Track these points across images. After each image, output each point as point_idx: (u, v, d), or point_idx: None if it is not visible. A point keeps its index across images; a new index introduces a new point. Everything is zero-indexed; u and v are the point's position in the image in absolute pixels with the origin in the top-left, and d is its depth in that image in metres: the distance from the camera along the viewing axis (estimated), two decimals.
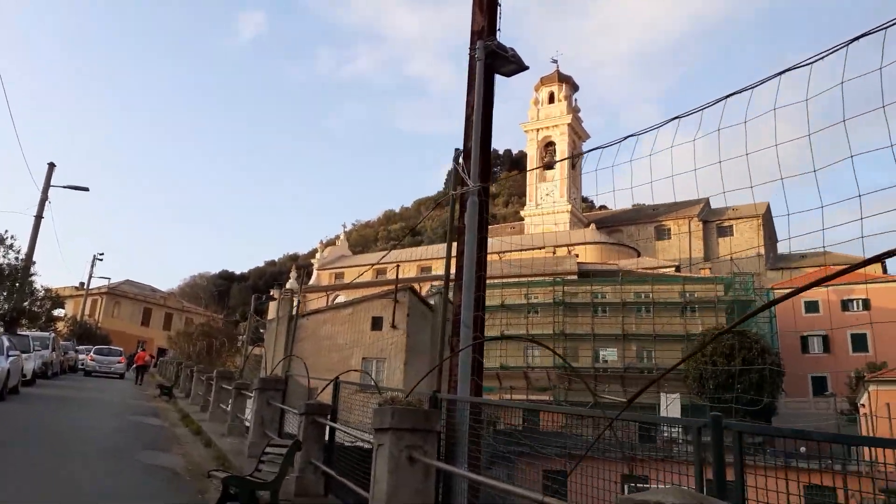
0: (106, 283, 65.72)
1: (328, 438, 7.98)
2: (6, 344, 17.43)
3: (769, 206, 72.33)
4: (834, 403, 38.19)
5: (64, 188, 32.03)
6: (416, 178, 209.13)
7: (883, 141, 3.13)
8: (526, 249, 61.10)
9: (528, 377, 48.71)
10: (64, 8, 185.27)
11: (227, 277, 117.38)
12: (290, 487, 7.45)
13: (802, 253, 64.09)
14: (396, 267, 27.88)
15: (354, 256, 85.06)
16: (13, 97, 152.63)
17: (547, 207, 75.97)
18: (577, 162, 74.69)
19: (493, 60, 6.27)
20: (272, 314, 42.09)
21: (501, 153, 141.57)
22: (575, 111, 77.78)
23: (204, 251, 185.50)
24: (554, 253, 60.52)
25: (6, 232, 29.61)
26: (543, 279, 51.47)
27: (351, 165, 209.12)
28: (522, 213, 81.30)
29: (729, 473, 3.39)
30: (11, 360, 16.94)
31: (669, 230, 73.91)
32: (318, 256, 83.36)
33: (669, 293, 49.02)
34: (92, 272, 58.58)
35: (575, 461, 4.50)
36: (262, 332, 37.20)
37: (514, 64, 6.31)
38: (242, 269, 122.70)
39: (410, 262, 68.10)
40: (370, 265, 73.66)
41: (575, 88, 79.33)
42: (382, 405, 5.33)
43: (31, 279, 29.87)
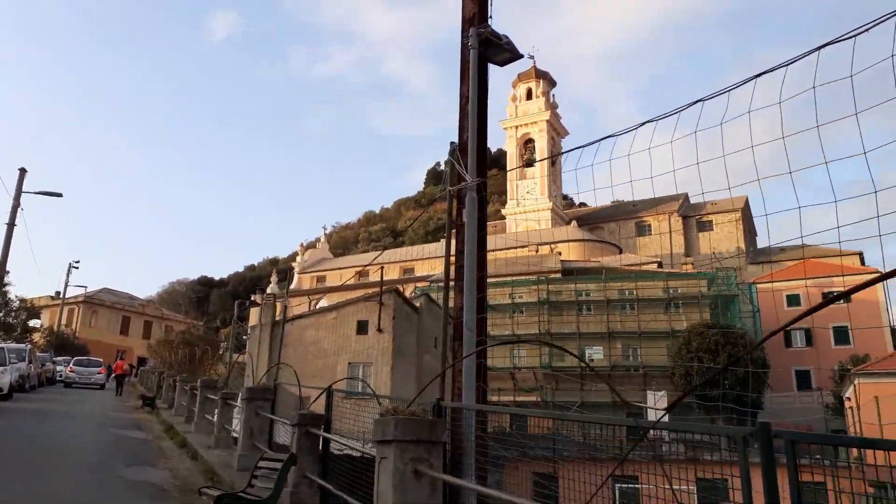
0: (83, 291, 64.55)
1: (322, 449, 7.67)
2: None
3: (747, 199, 72.97)
4: (821, 397, 38.46)
5: (36, 194, 31.19)
6: (395, 178, 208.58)
7: (852, 132, 3.34)
8: (509, 249, 60.94)
9: (514, 378, 48.55)
10: (31, 9, 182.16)
11: (206, 283, 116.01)
12: (284, 503, 7.13)
13: (781, 246, 64.77)
14: (381, 269, 27.45)
15: (336, 259, 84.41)
16: None
17: (528, 205, 75.91)
18: (557, 159, 74.81)
19: (486, 49, 6.00)
20: (254, 320, 41.51)
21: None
22: (553, 107, 77.75)
23: (182, 257, 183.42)
24: (537, 251, 60.45)
25: None
26: (528, 278, 51.37)
27: (329, 166, 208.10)
28: (503, 211, 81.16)
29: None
30: None
31: (650, 226, 74.30)
32: (298, 259, 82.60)
33: (653, 289, 49.15)
34: (68, 281, 57.49)
35: (611, 468, 4.22)
36: (245, 338, 36.61)
37: (508, 52, 6.05)
38: (222, 274, 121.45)
39: (393, 263, 67.67)
40: (353, 267, 73.27)
41: (552, 84, 79.29)
42: (384, 415, 5.04)
43: (4, 289, 29.04)
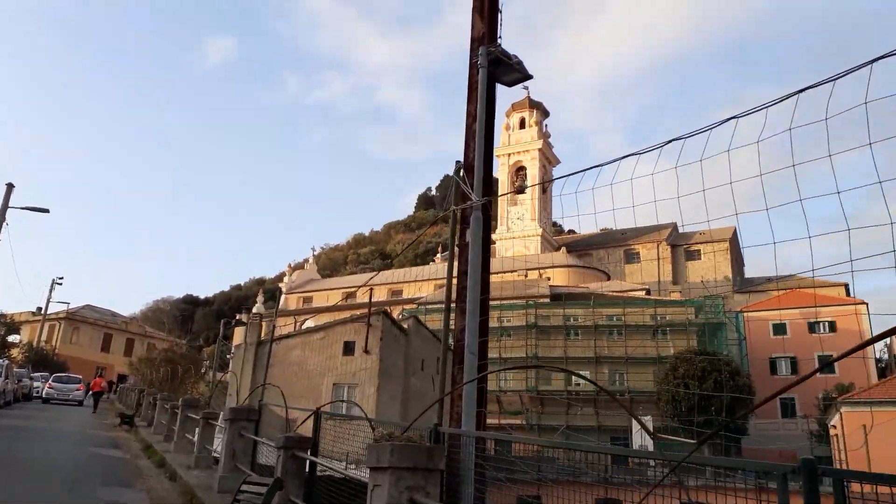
0: (65, 307, 63.54)
1: (308, 473, 7.38)
2: None
3: (735, 230, 73.55)
4: (807, 425, 38.39)
5: (23, 209, 30.79)
6: (385, 201, 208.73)
7: (836, 167, 3.66)
8: (498, 273, 60.85)
9: (500, 401, 48.14)
10: (27, 27, 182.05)
11: (191, 302, 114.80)
12: None
13: (767, 276, 65.16)
14: (370, 290, 27.18)
15: (323, 280, 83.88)
16: None
17: (518, 231, 76.10)
18: (547, 187, 75.17)
19: (495, 68, 5.89)
20: (239, 339, 40.92)
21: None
22: (545, 137, 78.44)
23: (168, 275, 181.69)
24: (526, 276, 60.41)
25: None
26: (517, 302, 51.27)
27: (320, 188, 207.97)
28: (494, 236, 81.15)
29: None
30: None
31: (638, 254, 74.58)
32: (286, 280, 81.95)
33: (641, 316, 49.15)
34: (50, 297, 56.56)
35: (597, 491, 4.06)
36: (229, 357, 36.04)
37: (517, 72, 5.93)
38: (207, 293, 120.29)
39: (381, 285, 67.29)
40: (341, 289, 72.78)
41: (545, 114, 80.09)
42: (379, 440, 4.80)
43: None
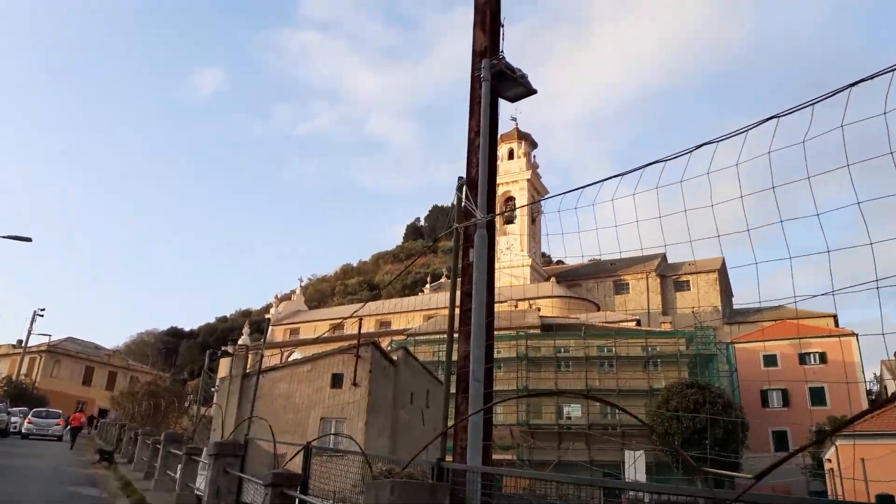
0: (46, 340, 62.24)
1: None
2: None
3: (724, 260, 73.80)
4: (802, 460, 37.88)
5: (4, 238, 30.19)
6: (373, 232, 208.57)
7: (820, 200, 3.72)
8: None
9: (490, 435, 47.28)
10: (14, 56, 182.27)
11: (175, 334, 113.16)
12: None
13: (757, 307, 65.21)
14: (359, 321, 26.68)
15: (311, 311, 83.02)
16: None
17: (507, 261, 75.94)
18: (536, 217, 75.27)
19: (498, 82, 5.63)
20: (224, 372, 40.04)
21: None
22: (534, 167, 78.92)
23: (152, 307, 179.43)
24: (516, 306, 60.00)
25: None
26: (507, 333, 50.76)
27: (307, 220, 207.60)
28: None
29: None
30: None
31: (628, 284, 74.57)
32: (272, 311, 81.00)
33: (632, 347, 48.79)
34: (31, 329, 55.38)
35: None
36: (213, 390, 35.20)
37: (522, 87, 5.69)
38: (192, 325, 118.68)
39: (370, 316, 66.61)
40: (328, 320, 71.95)
41: (534, 146, 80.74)
42: (377, 477, 4.39)
43: None
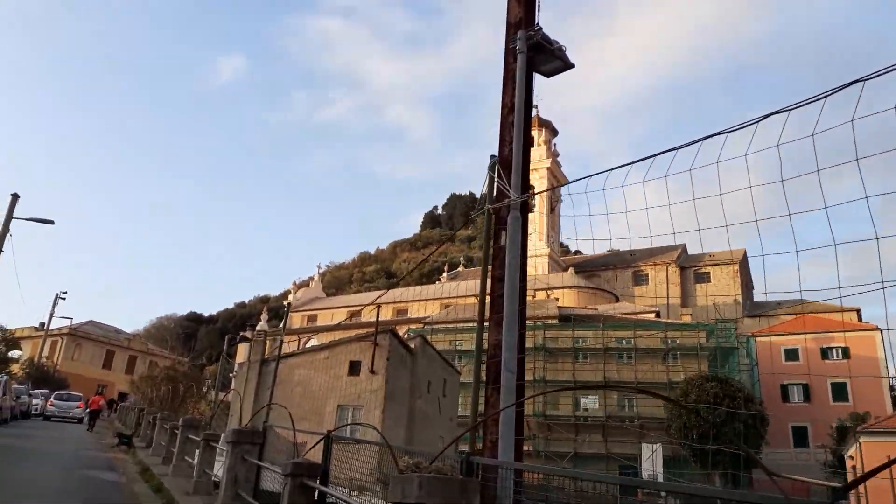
0: (68, 323, 62.89)
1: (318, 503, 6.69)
2: None
3: (745, 252, 72.72)
4: (825, 455, 37.28)
5: (27, 220, 30.28)
6: (391, 220, 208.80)
7: (841, 193, 3.67)
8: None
9: None
10: (34, 39, 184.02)
11: (194, 319, 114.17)
12: None
13: (778, 300, 64.25)
14: (377, 308, 26.55)
15: (328, 298, 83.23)
16: None
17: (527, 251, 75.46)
18: (555, 206, 74.63)
19: (533, 55, 5.30)
20: (242, 357, 40.20)
21: (479, 196, 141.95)
22: (554, 156, 78.08)
23: (172, 292, 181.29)
24: (534, 297, 59.59)
25: None
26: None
27: (325, 207, 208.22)
28: None
29: None
30: None
31: (647, 276, 73.78)
32: (290, 298, 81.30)
33: (651, 339, 48.25)
34: (53, 312, 55.89)
35: None
36: (231, 375, 35.30)
37: (559, 60, 5.35)
38: (211, 311, 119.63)
39: (387, 304, 66.58)
40: (346, 307, 72.08)
41: (554, 133, 79.83)
42: (404, 471, 4.14)
43: None
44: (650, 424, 44.30)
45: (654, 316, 57.33)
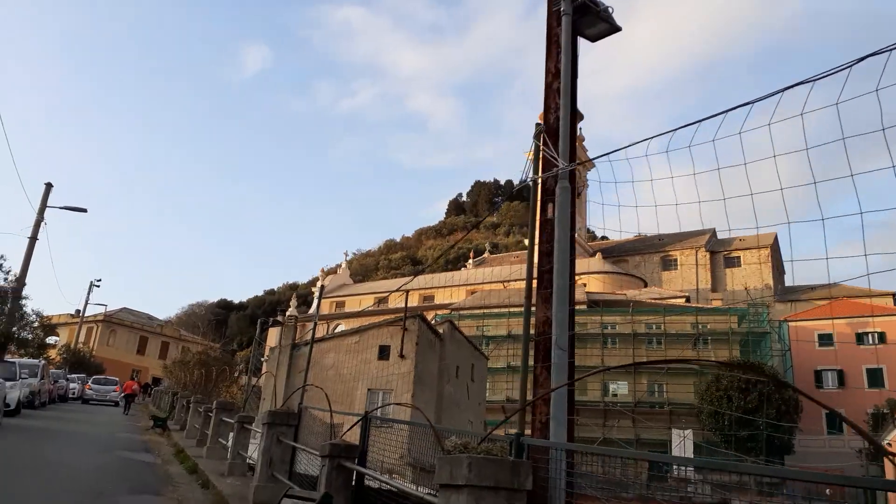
0: (102, 310, 64.14)
1: (356, 486, 6.60)
2: None
3: (776, 236, 71.26)
4: (861, 443, 36.47)
5: (61, 209, 30.78)
6: (416, 208, 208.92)
7: (869, 187, 3.54)
8: (533, 278, 59.80)
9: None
10: (69, 31, 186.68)
11: (225, 306, 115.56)
12: None
13: (811, 285, 62.92)
14: (406, 294, 26.53)
15: (356, 285, 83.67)
16: (12, 115, 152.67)
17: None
18: (581, 191, 73.79)
19: (578, 18, 5.07)
20: (272, 342, 40.51)
21: (503, 183, 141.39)
22: (580, 140, 77.20)
23: (203, 280, 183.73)
24: None
25: None
26: None
27: (351, 195, 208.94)
28: (527, 241, 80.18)
29: None
30: None
31: (676, 260, 72.76)
32: (318, 285, 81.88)
33: (680, 325, 47.64)
34: (88, 299, 57.06)
35: None
36: (263, 360, 35.62)
37: (604, 23, 5.12)
38: (241, 298, 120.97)
39: (414, 290, 66.66)
40: (373, 294, 72.38)
41: (580, 117, 78.93)
42: (451, 452, 4.01)
43: (21, 303, 28.38)
44: (680, 410, 43.87)
45: (683, 301, 56.57)
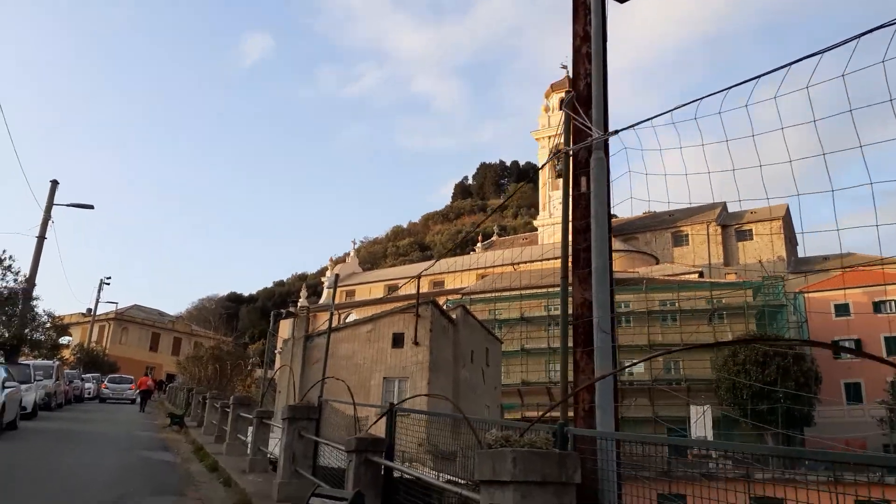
0: (113, 308, 64.34)
1: (385, 480, 6.36)
2: (2, 375, 15.90)
3: (788, 208, 70.46)
4: (886, 412, 36.21)
5: (67, 206, 30.74)
6: (422, 193, 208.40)
7: (877, 156, 3.29)
8: (545, 260, 59.51)
9: (550, 393, 46.88)
10: (70, 25, 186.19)
11: (235, 300, 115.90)
12: None
13: (824, 255, 62.25)
14: (418, 280, 26.26)
15: (365, 273, 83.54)
16: (16, 113, 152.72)
17: (559, 217, 74.37)
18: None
19: None
20: (284, 334, 40.43)
21: (509, 164, 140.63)
22: None
23: (211, 273, 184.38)
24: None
25: (3, 252, 28.10)
26: None
27: (357, 182, 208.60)
28: (535, 222, 79.72)
29: None
30: (7, 392, 15.38)
31: (687, 236, 72.11)
32: (328, 274, 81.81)
33: (695, 300, 47.22)
34: (99, 297, 57.20)
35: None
36: (277, 352, 35.54)
37: None
38: (251, 290, 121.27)
39: (424, 276, 66.42)
40: (383, 281, 72.26)
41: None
42: (493, 445, 3.73)
43: (32, 304, 28.30)
44: (697, 386, 43.59)
45: (697, 276, 56.12)
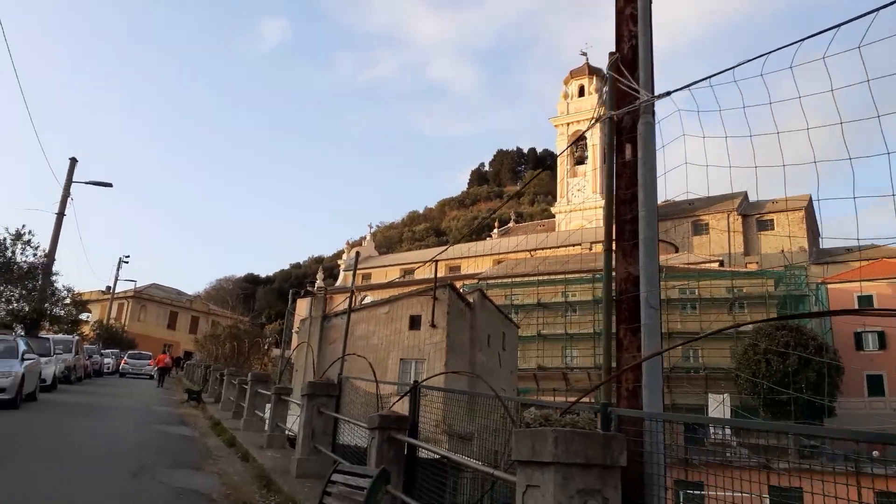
0: (132, 286, 64.93)
1: (408, 458, 6.19)
2: (22, 348, 15.96)
3: (811, 198, 69.25)
4: None
5: (86, 184, 30.83)
6: (438, 178, 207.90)
7: None
8: (561, 247, 59.05)
9: (566, 378, 46.69)
10: (90, 8, 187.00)
11: (252, 281, 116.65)
12: None
13: (847, 247, 61.19)
14: (435, 264, 26.13)
15: (381, 257, 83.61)
16: (37, 92, 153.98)
17: (578, 203, 73.70)
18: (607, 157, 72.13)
19: None
20: (303, 313, 40.53)
21: (526, 151, 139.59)
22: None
23: (229, 254, 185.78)
24: (591, 249, 58.32)
25: (23, 227, 28.31)
26: (582, 276, 49.38)
27: (374, 167, 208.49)
28: (553, 209, 79.10)
29: None
30: (27, 364, 15.42)
31: (707, 225, 71.21)
32: (344, 258, 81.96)
33: (715, 289, 46.67)
34: (118, 275, 57.71)
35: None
36: (294, 331, 35.63)
37: None
38: (268, 272, 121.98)
39: (440, 261, 66.29)
40: (399, 265, 72.24)
41: (605, 82, 77.04)
42: (532, 424, 3.50)
43: (52, 279, 28.52)
44: (716, 375, 43.20)
45: (717, 265, 55.46)
